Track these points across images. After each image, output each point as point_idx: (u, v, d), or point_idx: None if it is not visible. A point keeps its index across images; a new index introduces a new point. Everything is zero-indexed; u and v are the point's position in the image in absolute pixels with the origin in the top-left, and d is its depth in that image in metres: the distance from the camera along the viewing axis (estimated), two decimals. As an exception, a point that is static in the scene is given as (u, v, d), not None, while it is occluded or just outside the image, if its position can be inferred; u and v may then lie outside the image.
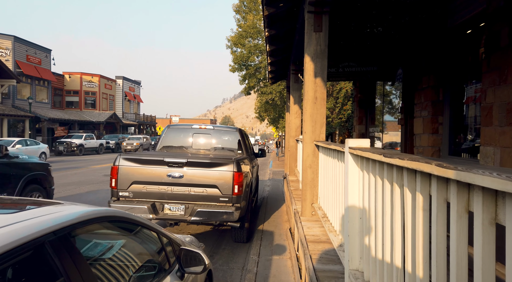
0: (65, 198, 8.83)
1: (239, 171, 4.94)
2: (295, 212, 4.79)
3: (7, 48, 29.93)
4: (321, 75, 4.39)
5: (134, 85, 52.97)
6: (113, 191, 4.92)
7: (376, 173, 1.86)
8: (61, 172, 15.13)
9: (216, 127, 6.61)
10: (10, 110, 28.15)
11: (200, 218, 4.82)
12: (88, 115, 39.73)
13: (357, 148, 2.13)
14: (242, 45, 19.92)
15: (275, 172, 17.58)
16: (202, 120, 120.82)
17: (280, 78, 12.98)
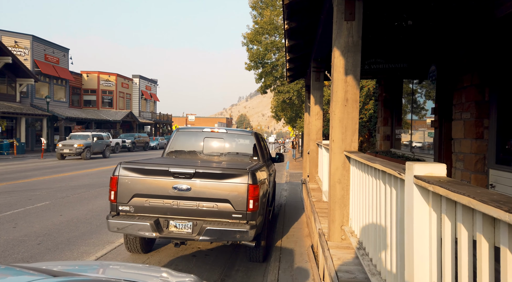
0: (73, 204, 8.39)
1: (255, 184, 4.28)
2: (320, 233, 4.09)
3: (25, 48, 30.20)
4: (353, 73, 3.67)
5: (150, 84, 53.10)
6: (112, 205, 4.35)
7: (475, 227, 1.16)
8: (75, 172, 14.86)
9: (230, 131, 5.97)
10: (28, 109, 28.37)
11: (210, 237, 4.19)
12: (105, 114, 39.93)
13: (429, 178, 1.43)
14: (259, 42, 19.23)
15: (292, 174, 16.86)
16: (218, 119, 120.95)
17: (299, 76, 12.24)
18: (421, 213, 1.54)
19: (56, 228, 6.26)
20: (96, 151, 23.34)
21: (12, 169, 15.67)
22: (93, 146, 22.58)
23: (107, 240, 5.63)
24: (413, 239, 1.55)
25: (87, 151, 21.87)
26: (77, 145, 21.44)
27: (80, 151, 21.40)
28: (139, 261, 4.85)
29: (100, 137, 24.10)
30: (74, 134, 23.34)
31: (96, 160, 21.67)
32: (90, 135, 22.99)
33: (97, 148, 23.34)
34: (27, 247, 5.20)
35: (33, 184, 11.22)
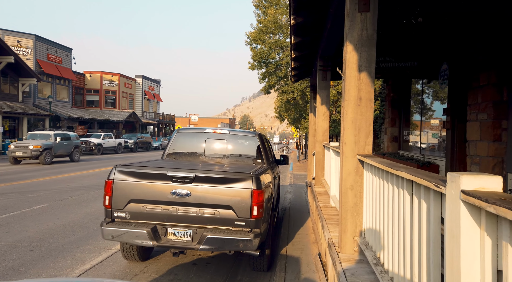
0: (71, 207, 8.13)
1: (259, 189, 3.98)
2: (329, 243, 3.79)
3: (28, 47, 30.09)
4: (368, 69, 3.37)
5: (153, 84, 52.95)
6: (107, 211, 4.07)
7: None
8: (75, 173, 14.64)
9: (232, 132, 5.68)
10: (30, 109, 28.24)
11: (211, 246, 3.90)
12: (108, 114, 39.78)
13: (483, 194, 1.13)
14: (262, 41, 18.94)
15: (296, 176, 16.55)
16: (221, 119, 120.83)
17: (304, 75, 11.93)
18: (471, 237, 1.23)
19: (51, 233, 6.00)
20: (61, 154, 19.74)
21: (14, 170, 15.47)
22: (55, 148, 18.99)
23: (104, 246, 5.36)
24: (460, 269, 1.24)
25: (46, 154, 18.12)
26: (32, 147, 17.56)
27: (37, 154, 17.65)
28: (136, 269, 4.57)
29: (66, 137, 20.31)
30: (33, 133, 19.66)
31: (58, 165, 17.95)
32: (52, 135, 19.27)
33: (61, 150, 19.63)
34: (19, 254, 4.93)
35: (32, 186, 10.99)
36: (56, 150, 19.05)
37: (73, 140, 20.71)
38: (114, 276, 4.35)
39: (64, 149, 19.88)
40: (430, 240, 1.68)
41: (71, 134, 20.94)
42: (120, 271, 4.49)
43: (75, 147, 20.91)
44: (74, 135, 21.36)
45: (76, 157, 20.99)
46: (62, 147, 19.67)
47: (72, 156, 20.62)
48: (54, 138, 19.10)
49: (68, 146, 20.20)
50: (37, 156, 17.72)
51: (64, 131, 21.45)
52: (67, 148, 20.13)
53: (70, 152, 20.44)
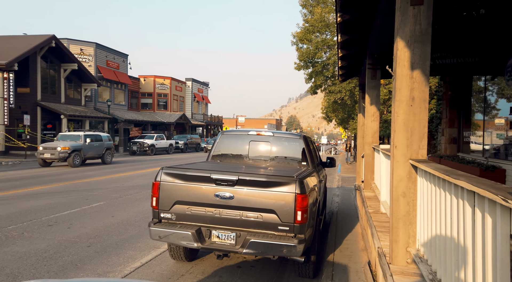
0: (125, 205, 8.58)
1: (303, 193, 3.86)
2: (379, 252, 3.56)
3: (90, 55, 32.47)
4: (421, 67, 3.12)
5: (202, 87, 54.57)
6: (154, 212, 4.19)
7: None
8: (130, 172, 15.49)
9: (276, 134, 5.59)
10: (91, 112, 30.44)
11: (254, 250, 3.85)
12: (160, 116, 41.69)
13: None
14: (309, 40, 18.65)
15: (344, 178, 16.04)
16: (267, 120, 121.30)
17: (352, 74, 11.51)
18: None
19: (106, 230, 6.35)
20: (91, 156, 18.88)
21: (77, 169, 16.75)
22: (85, 150, 18.14)
23: (153, 245, 5.55)
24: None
25: (75, 156, 17.29)
26: (60, 148, 16.80)
27: (64, 156, 16.85)
28: (183, 269, 4.67)
29: (97, 138, 19.26)
30: (64, 134, 19.02)
31: (88, 168, 17.17)
32: (82, 136, 18.38)
33: (92, 151, 18.73)
34: (77, 249, 5.27)
35: (91, 184, 11.79)
36: (86, 152, 18.21)
37: (104, 141, 19.75)
38: (162, 275, 4.47)
39: (95, 150, 18.99)
40: (497, 259, 1.47)
41: (103, 135, 20.12)
42: (167, 271, 4.61)
43: (107, 148, 19.93)
44: (107, 136, 20.45)
45: (108, 159, 20.03)
46: (93, 148, 18.77)
47: (103, 158, 19.68)
48: (83, 139, 18.22)
49: (99, 147, 19.26)
50: (65, 158, 16.96)
51: (96, 132, 20.38)
52: (98, 150, 19.20)
53: (102, 154, 19.53)
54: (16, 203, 8.36)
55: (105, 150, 19.71)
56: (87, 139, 18.32)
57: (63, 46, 26.88)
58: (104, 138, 19.87)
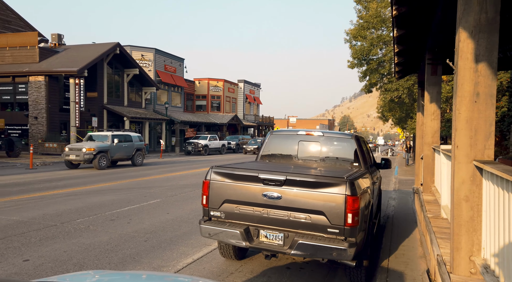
0: (179, 203, 8.95)
1: (354, 195, 3.71)
2: (438, 260, 3.30)
3: (149, 60, 34.48)
4: (487, 59, 2.83)
5: (254, 88, 55.24)
6: (205, 210, 4.31)
7: None
8: (184, 172, 16.16)
9: (327, 134, 5.45)
10: (151, 114, 32.29)
11: (302, 252, 3.78)
12: (213, 118, 42.99)
13: None
14: (363, 37, 17.96)
15: (402, 181, 15.19)
16: (320, 120, 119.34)
17: (410, 71, 10.85)
18: None
19: (162, 226, 6.67)
20: (119, 157, 17.79)
21: (134, 168, 17.87)
22: (112, 151, 17.04)
23: (204, 243, 5.71)
24: None
25: (101, 157, 16.29)
26: (85, 149, 15.86)
27: (89, 158, 15.91)
28: (232, 268, 4.73)
29: (127, 138, 18.00)
30: (92, 134, 18.01)
31: (117, 171, 16.17)
32: (109, 136, 17.13)
33: (120, 153, 17.56)
34: (136, 243, 5.60)
35: (149, 182, 12.49)
36: (113, 153, 17.11)
37: (135, 142, 18.44)
38: (212, 272, 4.58)
39: (124, 152, 17.81)
40: None
41: (133, 135, 18.77)
42: (217, 268, 4.71)
43: (137, 149, 18.56)
44: (137, 136, 19.07)
45: (139, 161, 18.69)
46: (121, 150, 17.59)
47: (133, 159, 18.39)
48: (111, 139, 17.05)
49: (128, 148, 17.97)
50: (91, 160, 16.04)
51: (126, 132, 19.00)
52: (127, 151, 17.97)
53: (131, 155, 18.25)
54: (84, 199, 9.12)
55: (135, 151, 18.44)
56: (115, 140, 17.19)
57: (126, 52, 28.85)
58: (134, 138, 18.60)
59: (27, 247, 5.25)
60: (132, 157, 18.38)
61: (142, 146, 19.01)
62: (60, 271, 4.40)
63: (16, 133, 24.87)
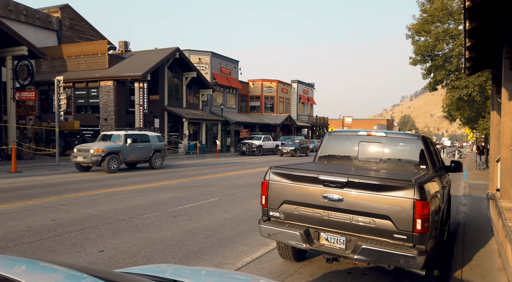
0: (236, 202, 9.14)
1: (424, 199, 3.48)
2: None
3: (206, 63, 35.75)
4: None
5: (308, 88, 54.64)
6: (264, 210, 4.33)
7: None
8: (240, 172, 16.47)
9: (390, 134, 5.18)
10: (207, 115, 33.44)
11: (366, 257, 3.64)
12: (267, 118, 43.28)
13: None
14: (427, 32, 16.83)
15: (473, 185, 13.98)
16: (377, 121, 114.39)
17: (482, 67, 9.94)
18: None
19: (221, 224, 6.85)
20: (134, 160, 16.13)
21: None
22: (125, 152, 15.32)
23: (262, 242, 5.75)
24: None
25: (110, 159, 14.58)
26: (93, 151, 14.20)
27: (97, 160, 14.25)
28: (291, 269, 4.70)
29: (143, 138, 16.29)
30: (105, 133, 16.40)
31: (131, 174, 14.58)
32: (122, 135, 15.44)
33: (134, 154, 15.83)
34: (197, 240, 5.81)
35: (207, 181, 12.92)
36: (126, 154, 15.41)
37: (153, 142, 16.64)
38: (271, 272, 4.59)
39: (139, 153, 16.05)
40: None
41: (151, 135, 16.93)
42: (276, 269, 4.71)
43: (155, 151, 16.73)
44: (156, 136, 17.20)
45: (157, 164, 16.86)
46: (136, 151, 15.86)
47: (151, 162, 16.59)
48: (124, 139, 15.36)
49: (144, 149, 16.20)
50: (100, 162, 14.40)
51: (142, 131, 17.18)
52: (143, 152, 16.18)
53: (149, 157, 16.46)
54: (149, 195, 9.69)
55: (153, 152, 16.59)
56: (128, 140, 15.45)
57: (185, 57, 30.21)
58: (152, 138, 16.79)
59: (101, 238, 5.71)
60: (150, 159, 16.60)
61: (162, 147, 17.15)
62: (131, 262, 4.72)
63: (89, 134, 27.23)
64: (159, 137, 17.46)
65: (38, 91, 26.42)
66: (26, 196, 9.26)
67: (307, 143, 33.38)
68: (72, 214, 7.29)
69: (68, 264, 1.56)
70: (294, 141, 31.52)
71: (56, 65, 29.53)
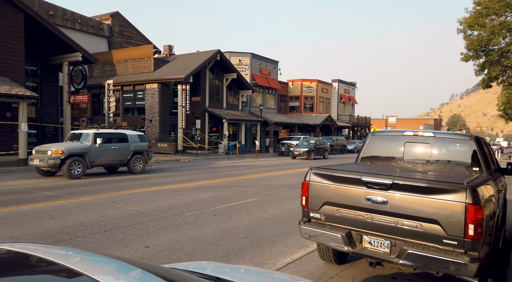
0: (275, 202, 9.13)
1: (477, 203, 3.27)
2: None
3: (246, 64, 36.11)
4: None
5: (349, 87, 53.36)
6: (304, 211, 4.29)
7: None
8: (278, 172, 16.44)
9: (439, 134, 4.92)
10: (247, 116, 33.74)
11: (412, 263, 3.48)
12: (306, 119, 42.83)
13: None
14: (481, 25, 15.75)
15: (532, 190, 12.84)
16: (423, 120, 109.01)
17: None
18: None
19: (260, 224, 6.88)
20: (107, 162, 13.61)
21: (234, 165, 18.87)
22: (93, 154, 12.95)
23: (302, 244, 5.70)
24: None
25: (72, 163, 12.25)
26: (51, 153, 12.00)
27: (55, 163, 11.94)
28: (332, 272, 4.62)
29: (119, 138, 13.91)
30: (75, 132, 13.95)
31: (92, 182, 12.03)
32: (90, 135, 13.11)
33: (106, 156, 13.38)
34: (237, 239, 5.88)
35: (247, 181, 13.04)
36: (95, 157, 12.98)
37: (132, 143, 14.21)
38: (312, 274, 4.53)
39: (113, 155, 13.55)
40: None
41: (130, 134, 14.47)
42: (317, 271, 4.64)
43: (135, 152, 14.25)
44: (137, 135, 14.73)
45: (138, 167, 14.44)
46: (108, 152, 13.39)
47: (129, 165, 14.12)
48: (92, 139, 13.01)
49: (120, 151, 13.76)
50: (59, 166, 12.12)
51: (119, 130, 14.79)
52: (118, 154, 13.72)
53: (126, 159, 13.99)
54: (191, 194, 9.98)
55: (131, 154, 14.12)
56: (98, 140, 13.08)
57: (226, 58, 30.74)
58: (132, 138, 14.34)
59: (147, 235, 5.97)
60: (128, 162, 14.10)
61: (144, 148, 14.67)
62: (174, 259, 4.88)
63: (135, 134, 28.56)
64: (142, 137, 14.89)
65: (90, 94, 28.20)
66: (79, 193, 9.91)
67: (325, 144, 28.47)
68: (120, 211, 7.70)
69: (117, 256, 1.65)
70: (309, 142, 27.28)
71: (106, 69, 31.35)
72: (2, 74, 16.60)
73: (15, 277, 1.35)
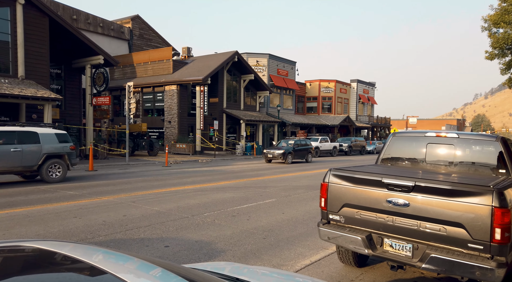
0: (293, 203, 9.09)
1: (504, 207, 3.16)
2: None
3: (263, 65, 36.14)
4: None
5: (368, 87, 52.58)
6: (323, 213, 4.25)
7: None
8: (295, 173, 16.37)
9: (463, 135, 4.78)
10: (264, 117, 33.75)
11: (436, 267, 3.40)
12: (324, 119, 42.48)
13: None
14: (507, 23, 15.22)
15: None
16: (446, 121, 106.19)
17: None
18: None
19: (278, 225, 6.86)
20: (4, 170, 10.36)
21: (252, 168, 18.90)
22: None
23: (321, 246, 5.65)
24: None
25: None
26: None
27: None
28: (352, 275, 4.56)
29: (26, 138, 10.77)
30: None
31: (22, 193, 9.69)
32: None
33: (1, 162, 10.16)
34: (255, 240, 5.89)
35: (264, 182, 13.04)
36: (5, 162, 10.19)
37: (44, 144, 11.08)
38: (331, 276, 4.49)
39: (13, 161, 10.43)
40: None
41: (42, 133, 11.18)
42: (336, 273, 4.59)
43: (49, 157, 11.16)
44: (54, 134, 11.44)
45: (54, 175, 11.35)
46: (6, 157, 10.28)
47: (42, 172, 11.09)
48: None
49: (26, 155, 10.67)
50: None
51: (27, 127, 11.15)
52: (22, 159, 10.60)
53: (36, 165, 10.93)
54: (209, 195, 10.06)
55: (44, 159, 11.00)
56: None
57: (243, 60, 30.86)
58: (45, 138, 11.13)
59: (166, 234, 6.06)
60: (39, 169, 11.00)
61: (64, 151, 11.47)
62: (194, 259, 4.93)
63: (155, 135, 29.05)
64: (63, 136, 11.68)
65: (111, 96, 28.86)
66: (102, 192, 10.16)
67: (308, 145, 24.13)
68: (141, 210, 7.84)
69: (139, 255, 1.69)
70: (288, 142, 23.34)
71: (127, 71, 32.03)
72: (28, 77, 17.21)
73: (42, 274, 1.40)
